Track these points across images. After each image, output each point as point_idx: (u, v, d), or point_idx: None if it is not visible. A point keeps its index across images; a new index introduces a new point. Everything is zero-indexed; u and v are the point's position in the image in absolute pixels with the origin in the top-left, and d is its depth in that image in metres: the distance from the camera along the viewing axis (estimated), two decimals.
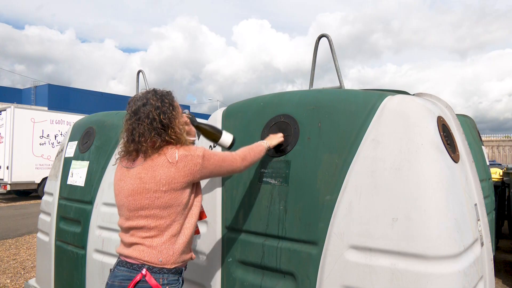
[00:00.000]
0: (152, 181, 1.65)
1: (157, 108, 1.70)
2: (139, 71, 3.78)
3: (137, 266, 1.65)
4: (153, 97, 1.72)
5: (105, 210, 2.91)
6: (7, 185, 11.95)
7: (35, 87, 32.92)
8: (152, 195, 1.65)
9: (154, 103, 1.70)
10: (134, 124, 1.70)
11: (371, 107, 1.88)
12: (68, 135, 3.65)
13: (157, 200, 1.65)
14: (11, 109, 12.13)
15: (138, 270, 1.64)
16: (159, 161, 1.67)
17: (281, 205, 2.00)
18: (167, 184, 1.64)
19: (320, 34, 2.64)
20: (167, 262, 1.66)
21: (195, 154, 1.69)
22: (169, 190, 1.65)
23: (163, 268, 1.65)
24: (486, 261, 1.96)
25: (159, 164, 1.66)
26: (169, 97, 1.77)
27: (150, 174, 1.65)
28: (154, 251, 1.65)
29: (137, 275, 1.63)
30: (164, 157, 1.66)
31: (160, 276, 1.64)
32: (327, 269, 1.79)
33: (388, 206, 1.68)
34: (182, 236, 1.72)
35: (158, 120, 1.68)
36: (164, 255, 1.66)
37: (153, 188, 1.65)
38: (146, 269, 1.63)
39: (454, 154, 1.88)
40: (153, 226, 1.66)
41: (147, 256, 1.65)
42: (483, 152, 4.26)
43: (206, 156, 1.72)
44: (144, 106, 1.70)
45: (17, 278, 4.87)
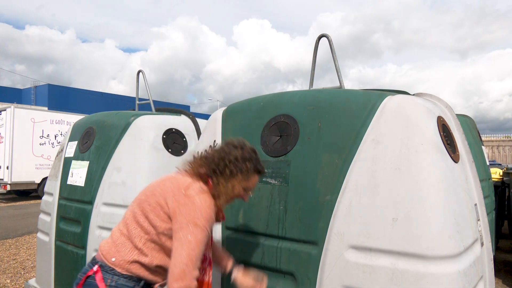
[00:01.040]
0: (161, 187, 1.65)
1: (246, 158, 1.68)
2: (139, 71, 3.78)
3: (95, 260, 1.65)
4: (251, 151, 1.71)
5: (105, 210, 2.91)
6: (7, 185, 11.95)
7: (35, 87, 32.92)
8: (151, 200, 1.63)
9: (247, 154, 1.69)
10: (209, 153, 1.72)
11: (371, 107, 1.88)
12: (68, 135, 3.65)
13: (148, 207, 1.62)
14: (11, 109, 12.12)
15: (93, 265, 1.63)
16: (182, 180, 1.65)
17: (281, 205, 2.00)
18: (163, 200, 1.60)
19: (320, 34, 2.65)
20: (118, 265, 1.59)
21: (196, 213, 1.54)
22: (159, 207, 1.60)
23: (114, 269, 1.59)
24: (486, 261, 1.95)
25: (178, 182, 1.64)
26: (252, 165, 1.70)
27: (165, 183, 1.66)
28: (113, 248, 1.62)
29: (90, 269, 1.62)
30: (186, 183, 1.63)
31: (109, 276, 1.58)
32: (327, 269, 1.79)
33: (388, 206, 1.68)
34: (146, 259, 1.61)
35: (225, 164, 1.65)
36: (118, 257, 1.60)
37: (156, 197, 1.63)
38: (98, 265, 1.61)
39: (454, 154, 1.88)
40: (128, 225, 1.64)
41: (106, 250, 1.63)
42: (483, 152, 4.26)
43: (190, 228, 1.52)
44: (236, 149, 1.69)
45: (17, 278, 4.87)
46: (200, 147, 2.54)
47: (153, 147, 2.96)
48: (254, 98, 2.45)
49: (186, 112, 3.54)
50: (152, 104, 3.72)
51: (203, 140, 2.54)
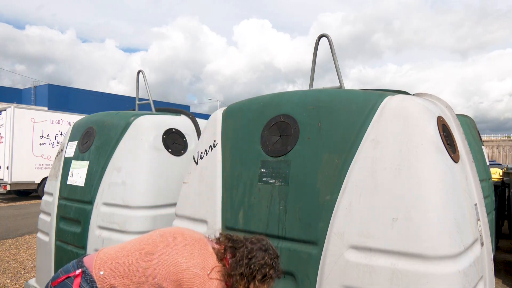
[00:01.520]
0: (184, 254, 1.61)
1: (263, 265, 1.65)
2: (139, 71, 3.78)
3: (81, 264, 1.62)
4: (271, 258, 1.68)
5: (105, 210, 2.91)
6: (7, 185, 11.95)
7: (35, 87, 32.91)
8: (167, 250, 1.60)
9: (266, 260, 1.66)
10: (239, 246, 1.69)
11: (371, 107, 1.88)
12: (68, 135, 3.65)
13: (159, 267, 1.58)
14: (11, 109, 12.12)
15: (77, 268, 1.60)
16: (212, 259, 1.63)
17: (281, 205, 2.00)
18: (179, 267, 1.57)
19: (320, 34, 2.65)
20: (102, 280, 1.56)
21: None
22: (174, 274, 1.57)
23: (95, 282, 1.55)
24: (486, 261, 1.95)
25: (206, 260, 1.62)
26: (273, 274, 1.68)
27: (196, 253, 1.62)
28: (110, 261, 1.59)
29: (73, 271, 1.59)
30: (214, 263, 1.62)
31: (86, 286, 1.55)
32: (327, 269, 1.79)
33: (388, 206, 1.68)
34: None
35: (248, 265, 1.63)
36: (108, 275, 1.57)
37: (171, 263, 1.59)
38: (82, 270, 1.58)
39: (454, 154, 1.88)
40: (133, 258, 1.61)
41: (102, 259, 1.60)
42: (483, 152, 4.26)
43: None
44: (259, 251, 1.67)
45: (17, 278, 4.87)
46: (200, 147, 2.54)
47: (153, 147, 2.96)
48: (254, 98, 2.45)
49: (186, 112, 3.54)
50: (152, 104, 3.72)
51: (203, 140, 2.54)
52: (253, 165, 2.18)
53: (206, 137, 2.52)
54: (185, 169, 2.73)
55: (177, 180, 2.88)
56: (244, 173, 2.20)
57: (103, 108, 23.18)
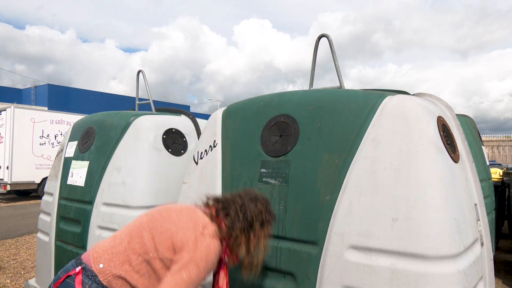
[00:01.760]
0: (178, 222, 1.63)
1: (258, 214, 1.71)
2: (139, 71, 3.78)
3: (80, 261, 1.62)
4: (264, 205, 1.75)
5: (105, 210, 2.91)
6: (7, 185, 11.95)
7: (35, 87, 32.91)
8: (165, 225, 1.62)
9: (259, 209, 1.72)
10: (232, 203, 1.73)
11: (371, 107, 1.88)
12: (68, 135, 3.65)
13: (156, 230, 1.60)
14: (11, 109, 12.12)
15: (76, 266, 1.60)
16: (203, 218, 1.67)
17: (281, 205, 2.00)
18: (175, 234, 1.59)
19: (320, 34, 2.65)
20: (103, 272, 1.54)
21: (198, 253, 1.56)
22: (169, 234, 1.59)
23: (96, 276, 1.54)
24: (486, 261, 1.95)
25: (197, 221, 1.65)
26: (270, 219, 1.76)
27: (185, 217, 1.65)
28: (106, 253, 1.59)
29: (73, 269, 1.59)
30: (207, 221, 1.65)
31: (89, 281, 1.54)
32: (327, 269, 1.79)
33: (388, 206, 1.68)
34: (134, 276, 1.57)
35: (244, 218, 1.68)
36: (107, 266, 1.56)
37: (170, 225, 1.61)
38: (81, 267, 1.58)
39: (454, 154, 1.88)
40: (131, 238, 1.61)
41: (98, 253, 1.60)
42: (483, 152, 4.26)
43: (188, 264, 1.54)
44: (251, 202, 1.73)
45: (17, 278, 4.87)
46: (200, 147, 2.54)
47: (153, 147, 2.96)
48: (254, 98, 2.45)
49: (186, 112, 3.54)
50: (152, 104, 3.72)
51: (203, 140, 2.54)
52: (253, 165, 2.18)
53: (206, 137, 2.52)
54: (185, 169, 2.73)
55: (177, 180, 2.88)
56: (244, 173, 2.20)
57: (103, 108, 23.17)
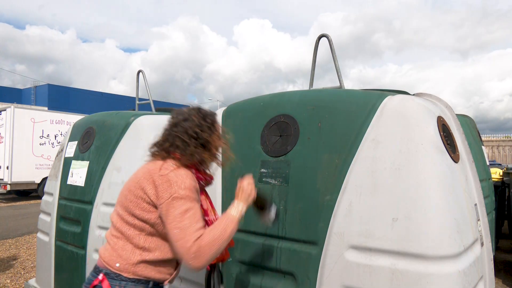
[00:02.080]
0: (134, 179, 1.63)
1: (198, 125, 1.68)
2: (139, 71, 3.79)
3: (98, 269, 1.61)
4: (196, 115, 1.72)
5: (105, 210, 2.91)
6: (7, 185, 11.94)
7: (35, 87, 32.90)
8: (127, 194, 1.61)
9: (196, 120, 1.69)
10: (168, 133, 1.71)
11: (371, 107, 1.88)
12: (68, 135, 3.65)
13: (127, 202, 1.60)
14: (11, 109, 12.12)
15: (97, 274, 1.59)
16: (154, 164, 1.63)
17: (281, 205, 2.00)
18: (141, 190, 1.58)
19: (320, 34, 2.65)
20: (124, 269, 1.55)
21: (173, 188, 1.52)
22: (140, 199, 1.58)
23: (120, 274, 1.55)
24: (486, 261, 1.95)
25: (151, 167, 1.62)
26: (211, 118, 1.75)
27: (137, 173, 1.64)
28: (114, 253, 1.58)
29: (95, 279, 1.58)
30: (161, 165, 1.61)
31: (117, 283, 1.54)
32: (327, 269, 1.79)
33: (388, 206, 1.68)
34: (153, 255, 1.58)
35: (194, 137, 1.66)
36: (122, 261, 1.56)
37: (131, 187, 1.62)
38: (103, 273, 1.57)
39: (454, 154, 1.88)
40: (118, 227, 1.62)
41: (107, 257, 1.59)
42: (483, 152, 4.26)
43: (172, 203, 1.50)
44: (185, 121, 1.69)
45: (17, 278, 4.87)
46: None
47: None
48: (254, 98, 2.45)
49: None
50: (152, 104, 3.72)
51: None
52: (253, 165, 2.18)
53: None
54: None
55: None
56: (244, 173, 2.20)
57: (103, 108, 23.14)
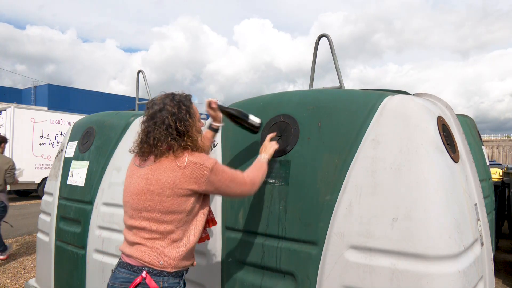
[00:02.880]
0: (157, 183, 1.63)
1: (173, 114, 1.67)
2: (139, 71, 3.79)
3: (137, 268, 1.64)
4: (170, 103, 1.70)
5: (105, 210, 2.91)
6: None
7: (35, 87, 32.88)
8: (155, 198, 1.63)
9: (170, 109, 1.68)
10: (149, 128, 1.69)
11: (371, 107, 1.88)
12: (68, 135, 3.65)
13: (159, 204, 1.63)
14: (11, 109, 12.12)
15: (138, 273, 1.62)
16: (168, 164, 1.65)
17: (281, 205, 2.00)
18: (170, 189, 1.62)
19: (320, 34, 2.65)
20: (167, 265, 1.63)
21: (204, 164, 1.64)
22: (172, 195, 1.62)
23: (163, 271, 1.63)
24: (486, 261, 1.95)
25: (167, 168, 1.64)
26: (186, 103, 1.74)
27: (156, 177, 1.64)
28: (155, 253, 1.63)
29: (137, 277, 1.62)
30: (174, 162, 1.64)
31: (160, 279, 1.62)
32: (327, 269, 1.79)
33: (388, 206, 1.68)
34: (186, 243, 1.68)
35: (174, 127, 1.66)
36: (165, 258, 1.63)
37: (157, 191, 1.63)
38: (146, 271, 1.62)
39: (454, 154, 1.88)
40: (154, 229, 1.65)
41: (148, 258, 1.63)
42: (483, 152, 4.26)
43: (214, 170, 1.66)
44: (160, 112, 1.68)
45: (17, 278, 4.87)
46: None
47: None
48: (254, 98, 2.45)
49: None
50: None
51: None
52: None
53: None
54: None
55: None
56: None
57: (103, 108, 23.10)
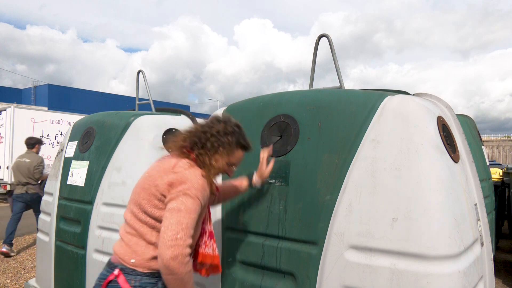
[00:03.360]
0: (148, 177, 1.65)
1: (218, 133, 1.68)
2: (139, 71, 3.78)
3: (113, 265, 1.64)
4: (230, 126, 1.72)
5: (105, 210, 2.91)
6: (7, 185, 11.94)
7: (35, 87, 32.86)
8: (144, 194, 1.63)
9: (221, 129, 1.69)
10: (191, 137, 1.70)
11: (371, 107, 1.88)
12: (68, 135, 3.65)
13: (143, 201, 1.63)
14: (11, 109, 12.11)
15: (113, 270, 1.63)
16: (169, 162, 1.65)
17: (281, 205, 2.00)
18: (153, 186, 1.61)
19: (320, 34, 2.65)
20: (139, 265, 1.60)
21: (186, 185, 1.54)
22: (153, 196, 1.60)
23: (135, 270, 1.60)
24: (486, 261, 1.95)
25: (165, 165, 1.65)
26: (235, 139, 1.72)
27: (152, 171, 1.66)
28: (128, 250, 1.62)
29: (111, 274, 1.62)
30: (175, 163, 1.63)
31: (132, 277, 1.59)
32: (327, 269, 1.79)
33: (388, 206, 1.68)
34: None
35: (206, 138, 1.67)
36: (137, 257, 1.60)
37: (144, 185, 1.64)
38: (119, 269, 1.61)
39: (454, 154, 1.88)
40: (132, 225, 1.65)
41: (122, 253, 1.63)
42: (483, 152, 4.26)
43: (182, 197, 1.53)
44: (209, 127, 1.70)
45: (17, 278, 4.87)
46: None
47: (153, 147, 2.95)
48: (254, 98, 2.45)
49: (186, 112, 3.54)
50: (152, 104, 3.72)
51: None
52: (253, 165, 2.18)
53: None
54: None
55: None
56: (244, 173, 2.20)
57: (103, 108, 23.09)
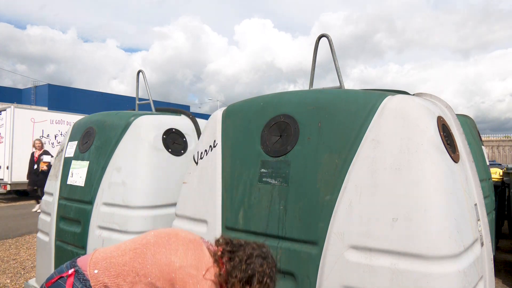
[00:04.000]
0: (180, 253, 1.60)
1: (259, 272, 1.60)
2: (139, 71, 3.78)
3: (74, 264, 1.62)
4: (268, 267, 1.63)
5: (105, 210, 2.91)
6: (7, 185, 11.94)
7: (35, 87, 32.86)
8: (162, 250, 1.59)
9: (264, 269, 1.61)
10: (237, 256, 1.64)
11: (371, 107, 1.88)
12: (68, 135, 3.65)
13: (161, 258, 1.58)
14: (11, 109, 12.11)
15: (69, 268, 1.61)
16: (207, 260, 1.62)
17: (281, 205, 2.00)
18: (175, 257, 1.57)
19: (320, 34, 2.65)
20: (96, 279, 1.55)
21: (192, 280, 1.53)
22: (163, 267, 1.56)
23: (88, 280, 1.55)
24: (486, 261, 1.95)
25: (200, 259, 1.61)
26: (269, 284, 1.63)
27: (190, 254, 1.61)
28: (104, 261, 1.59)
29: (66, 272, 1.60)
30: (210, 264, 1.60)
31: (79, 285, 1.55)
32: (327, 269, 1.79)
33: (388, 206, 1.68)
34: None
35: (245, 270, 1.59)
36: (102, 274, 1.56)
37: (168, 253, 1.59)
38: (74, 270, 1.58)
39: (454, 154, 1.88)
40: (132, 259, 1.60)
41: (98, 258, 1.60)
42: (483, 152, 4.26)
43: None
44: (258, 257, 1.63)
45: (17, 278, 4.87)
46: (200, 147, 2.54)
47: (153, 147, 2.96)
48: (254, 98, 2.45)
49: (186, 112, 3.54)
50: (152, 104, 3.72)
51: (203, 140, 2.54)
52: (253, 165, 2.18)
53: (206, 137, 2.52)
54: (185, 169, 2.73)
55: (177, 180, 2.88)
56: (244, 173, 2.20)
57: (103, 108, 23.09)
